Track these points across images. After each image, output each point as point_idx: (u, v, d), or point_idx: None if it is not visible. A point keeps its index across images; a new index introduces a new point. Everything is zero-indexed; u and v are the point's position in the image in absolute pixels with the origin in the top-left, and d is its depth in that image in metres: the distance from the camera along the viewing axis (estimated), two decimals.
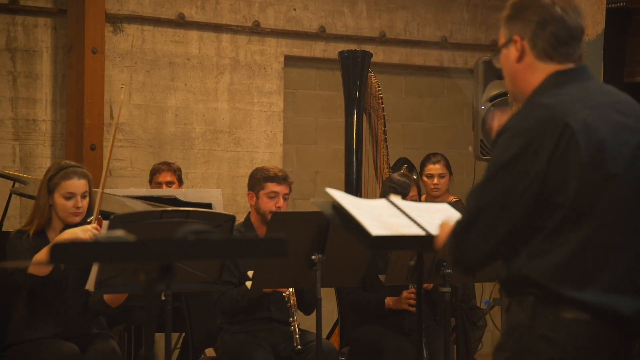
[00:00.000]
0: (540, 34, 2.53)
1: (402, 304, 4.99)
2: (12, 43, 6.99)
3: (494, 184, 2.45)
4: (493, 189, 2.45)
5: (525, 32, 2.55)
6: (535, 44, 2.54)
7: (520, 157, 2.42)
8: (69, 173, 4.38)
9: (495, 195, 2.44)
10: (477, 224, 2.46)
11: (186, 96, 7.56)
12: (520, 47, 2.56)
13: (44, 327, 4.37)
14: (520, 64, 2.57)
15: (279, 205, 4.84)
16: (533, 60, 2.55)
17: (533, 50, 2.55)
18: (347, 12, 8.14)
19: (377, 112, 6.48)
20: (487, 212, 2.45)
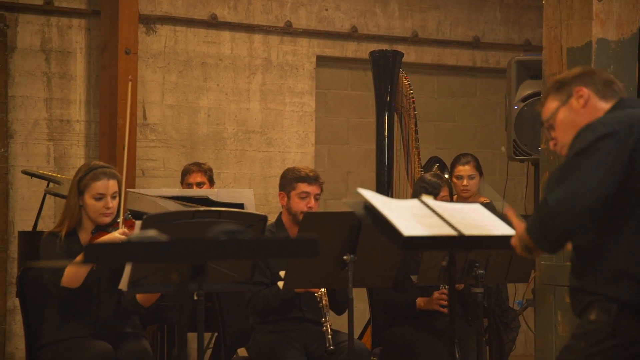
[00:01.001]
0: (596, 80, 3.02)
1: (433, 305, 4.97)
2: (47, 44, 7.05)
3: (576, 164, 2.73)
4: (576, 168, 2.72)
5: (590, 83, 3.01)
6: (597, 89, 3.00)
7: (603, 140, 2.74)
8: (98, 174, 4.40)
9: (579, 171, 2.71)
10: (562, 193, 2.69)
11: (218, 96, 7.58)
12: (587, 95, 2.98)
13: (78, 327, 4.39)
14: (584, 109, 2.96)
15: (310, 205, 4.84)
16: (597, 101, 2.98)
17: (597, 94, 2.99)
18: (379, 12, 8.12)
19: (408, 112, 6.46)
20: (571, 183, 2.70)
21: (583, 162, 2.72)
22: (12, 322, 6.90)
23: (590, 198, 2.67)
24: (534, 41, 8.48)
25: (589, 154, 2.73)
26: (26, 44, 6.99)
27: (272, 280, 4.73)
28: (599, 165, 2.70)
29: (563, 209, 2.67)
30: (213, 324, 5.21)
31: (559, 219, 2.67)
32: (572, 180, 2.70)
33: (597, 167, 2.70)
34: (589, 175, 2.69)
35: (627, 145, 2.74)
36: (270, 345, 4.72)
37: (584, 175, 2.70)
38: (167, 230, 3.70)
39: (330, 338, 4.54)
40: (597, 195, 2.68)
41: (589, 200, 2.67)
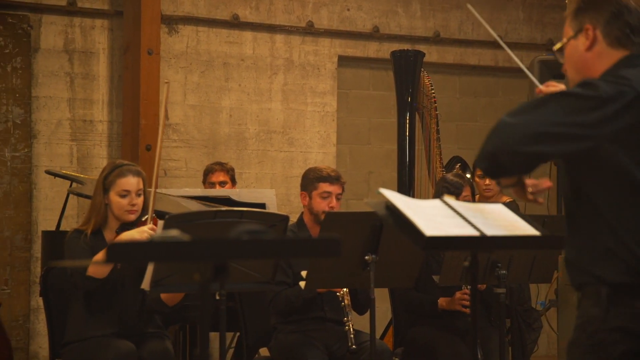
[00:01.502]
0: (615, 23, 2.64)
1: (455, 305, 4.96)
2: (70, 45, 7.09)
3: (554, 102, 2.49)
4: (551, 105, 2.48)
5: (599, 20, 2.65)
6: (608, 33, 2.64)
7: (589, 99, 2.47)
8: (123, 171, 4.43)
9: (551, 110, 2.47)
10: (522, 118, 2.49)
11: (240, 97, 7.60)
12: (592, 36, 2.66)
13: (102, 326, 4.41)
14: (589, 52, 2.66)
15: (332, 205, 4.84)
16: (604, 47, 2.65)
17: (606, 38, 2.64)
18: (401, 12, 8.11)
19: (430, 112, 6.45)
20: (537, 117, 2.46)
21: (558, 102, 2.49)
22: (36, 321, 6.95)
23: (546, 142, 2.45)
24: (557, 41, 8.43)
25: (567, 98, 2.50)
26: (49, 45, 7.04)
27: (294, 280, 4.73)
28: (570, 114, 2.45)
29: (501, 132, 2.53)
30: (235, 324, 5.22)
31: (491, 140, 2.55)
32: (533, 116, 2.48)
33: (568, 115, 2.45)
34: (553, 121, 2.45)
35: (609, 117, 2.45)
36: (292, 345, 4.72)
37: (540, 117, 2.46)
38: (189, 230, 3.71)
39: (352, 337, 4.54)
40: (554, 142, 2.45)
41: (542, 146, 2.45)
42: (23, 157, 6.92)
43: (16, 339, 6.86)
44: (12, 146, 6.89)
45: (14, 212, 6.89)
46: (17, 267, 6.91)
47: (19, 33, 6.92)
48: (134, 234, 4.29)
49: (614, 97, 2.46)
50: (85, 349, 4.37)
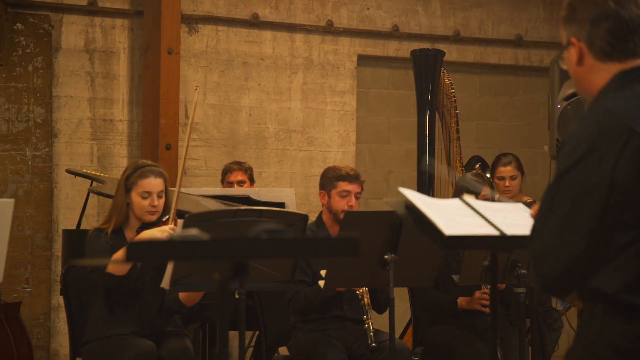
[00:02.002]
0: (596, 33, 2.38)
1: (475, 304, 4.94)
2: (91, 44, 7.12)
3: (560, 188, 2.31)
4: (560, 194, 2.31)
5: (581, 33, 2.41)
6: (592, 44, 2.40)
7: (584, 160, 2.28)
8: (145, 172, 4.44)
9: (564, 198, 2.30)
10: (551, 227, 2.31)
11: (260, 96, 7.60)
12: (578, 50, 2.42)
13: (122, 324, 4.43)
14: (580, 67, 2.43)
15: (351, 204, 4.84)
16: (593, 61, 2.40)
17: (591, 51, 2.40)
18: (421, 10, 8.10)
19: (450, 111, 6.44)
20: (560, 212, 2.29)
21: (564, 185, 2.28)
22: (57, 320, 6.98)
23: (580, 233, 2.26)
24: None
25: (568, 177, 2.29)
26: (70, 44, 7.07)
27: (313, 279, 4.73)
28: (580, 191, 2.26)
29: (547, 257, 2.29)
30: (254, 323, 5.23)
31: (545, 267, 2.30)
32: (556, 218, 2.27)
33: (579, 194, 2.26)
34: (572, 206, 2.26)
35: (606, 165, 2.25)
36: (311, 344, 4.72)
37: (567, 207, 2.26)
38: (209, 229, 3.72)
39: (372, 335, 4.54)
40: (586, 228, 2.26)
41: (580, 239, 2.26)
42: (44, 157, 6.96)
43: (37, 337, 6.89)
44: (33, 145, 6.92)
45: (35, 211, 6.92)
46: (38, 266, 6.95)
47: (40, 33, 6.95)
48: (154, 233, 4.30)
49: (600, 148, 2.26)
50: (105, 347, 4.39)
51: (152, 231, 4.33)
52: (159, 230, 4.31)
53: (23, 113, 6.90)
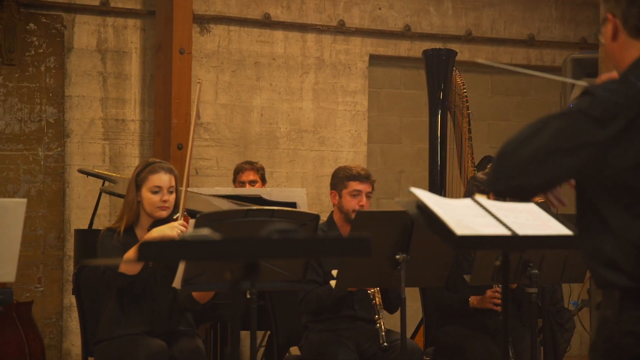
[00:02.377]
0: (630, 11, 2.49)
1: (486, 303, 4.93)
2: (103, 44, 7.14)
3: (554, 123, 2.42)
4: (551, 127, 2.42)
5: (617, 10, 2.51)
6: (626, 22, 2.50)
7: (588, 119, 2.38)
8: (155, 168, 4.46)
9: (553, 132, 2.41)
10: (525, 149, 2.44)
11: (271, 96, 7.61)
12: (613, 26, 2.52)
13: (133, 324, 4.43)
14: (615, 42, 2.53)
15: (362, 203, 4.84)
16: (626, 38, 2.51)
17: (625, 28, 2.50)
18: (433, 10, 8.09)
19: (461, 111, 6.43)
20: (540, 143, 2.42)
21: (559, 124, 2.41)
22: (69, 319, 7.00)
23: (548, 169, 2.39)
24: (590, 39, 8.38)
25: (567, 117, 2.43)
26: (83, 44, 7.09)
27: (324, 279, 4.73)
28: (569, 136, 2.38)
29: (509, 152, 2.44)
30: (266, 323, 5.23)
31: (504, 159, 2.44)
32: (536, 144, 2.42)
33: (567, 137, 2.38)
34: (555, 143, 2.39)
35: (607, 131, 2.37)
36: (322, 343, 4.72)
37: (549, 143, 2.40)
38: (220, 228, 3.72)
39: (383, 335, 4.54)
40: (556, 168, 2.40)
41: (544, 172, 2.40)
42: (56, 156, 6.98)
43: (49, 336, 6.92)
44: (45, 145, 6.95)
45: (47, 210, 6.95)
46: (50, 266, 6.97)
47: (53, 33, 6.98)
48: (164, 229, 4.31)
49: (613, 115, 2.37)
50: (116, 347, 4.40)
51: (162, 228, 4.34)
52: (169, 227, 4.31)
53: (35, 113, 6.92)
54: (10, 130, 6.85)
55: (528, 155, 2.44)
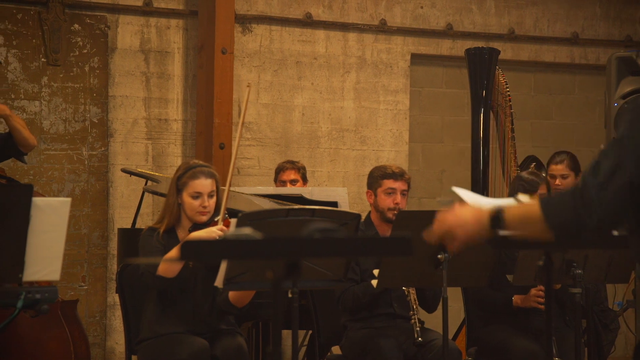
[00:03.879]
0: None
1: (530, 302, 4.90)
2: (146, 44, 7.19)
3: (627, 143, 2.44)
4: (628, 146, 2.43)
5: None
6: None
7: None
8: (196, 173, 4.45)
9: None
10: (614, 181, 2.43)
11: (313, 95, 7.61)
12: None
13: (175, 323, 4.45)
14: None
15: (396, 201, 4.83)
16: None
17: None
18: (475, 9, 8.05)
19: (504, 110, 6.39)
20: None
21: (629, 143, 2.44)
22: (112, 318, 7.06)
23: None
24: (636, 37, 8.28)
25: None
26: (126, 45, 7.14)
27: (362, 278, 4.73)
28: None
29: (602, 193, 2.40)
30: (307, 322, 5.24)
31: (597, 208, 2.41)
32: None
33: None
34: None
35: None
36: (364, 339, 4.73)
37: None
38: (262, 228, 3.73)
39: (418, 331, 4.53)
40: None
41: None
42: (100, 156, 7.04)
43: (93, 334, 6.98)
44: (89, 145, 7.01)
45: (91, 209, 7.01)
46: (94, 264, 7.03)
47: (97, 33, 7.04)
48: (202, 234, 4.32)
49: None
50: (159, 345, 4.42)
51: (199, 233, 4.36)
52: (206, 232, 4.33)
53: (80, 113, 6.99)
54: (55, 130, 6.92)
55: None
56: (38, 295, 3.40)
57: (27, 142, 5.24)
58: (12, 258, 3.26)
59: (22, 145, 5.23)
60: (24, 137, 5.21)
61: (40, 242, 3.31)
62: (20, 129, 5.19)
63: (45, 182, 6.87)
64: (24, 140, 5.22)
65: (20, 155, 5.34)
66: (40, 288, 3.44)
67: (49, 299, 3.42)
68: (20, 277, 3.30)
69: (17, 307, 3.36)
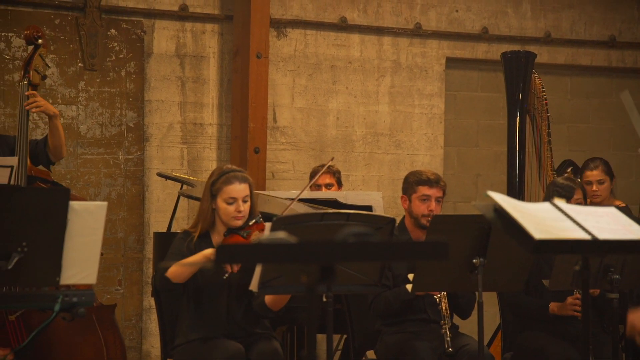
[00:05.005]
0: None
1: (567, 310, 4.86)
2: (182, 49, 7.23)
3: None
4: None
5: None
6: None
7: None
8: (230, 178, 4.46)
9: None
10: None
11: (347, 99, 7.61)
12: None
13: (210, 327, 4.47)
14: None
15: (431, 208, 4.82)
16: None
17: None
18: (511, 12, 8.00)
19: (540, 114, 6.35)
20: None
21: None
22: (148, 321, 7.10)
23: None
24: None
25: None
26: (162, 49, 7.19)
27: (395, 283, 4.72)
28: None
29: None
30: (342, 326, 5.23)
31: None
32: None
33: None
34: None
35: None
36: (398, 342, 4.72)
37: None
38: (297, 232, 3.73)
39: (449, 340, 4.51)
40: None
41: None
42: (136, 160, 7.08)
43: (129, 338, 7.02)
44: (125, 149, 7.06)
45: (127, 213, 7.06)
46: (130, 268, 7.08)
47: (133, 38, 7.09)
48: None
49: None
50: (194, 349, 4.44)
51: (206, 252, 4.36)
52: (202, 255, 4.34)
53: (116, 117, 7.04)
54: (91, 134, 6.98)
55: None
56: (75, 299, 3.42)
57: (61, 148, 5.22)
58: (50, 261, 3.29)
59: (55, 151, 5.22)
60: (60, 141, 5.21)
61: (77, 245, 3.33)
62: (61, 133, 5.20)
63: (82, 186, 6.93)
64: (59, 146, 5.20)
65: (48, 165, 5.34)
66: (77, 291, 3.46)
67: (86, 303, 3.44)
68: (57, 281, 3.33)
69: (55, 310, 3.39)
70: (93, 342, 5.72)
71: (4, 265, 3.20)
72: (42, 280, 3.38)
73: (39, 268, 3.30)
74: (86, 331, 5.01)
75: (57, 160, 5.33)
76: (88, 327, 5.02)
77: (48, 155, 5.24)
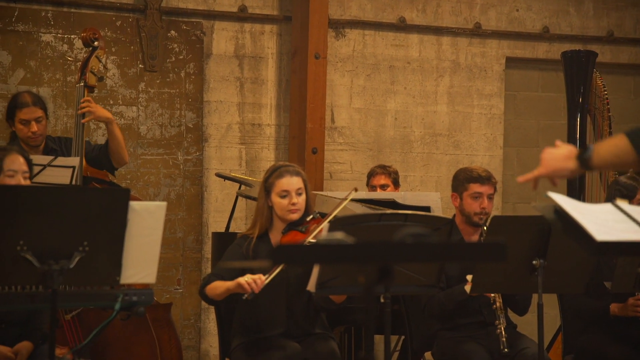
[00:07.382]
0: None
1: (628, 311, 4.78)
2: (240, 50, 7.27)
3: None
4: None
5: None
6: None
7: None
8: (282, 172, 4.49)
9: None
10: None
11: (405, 99, 7.59)
12: None
13: (268, 326, 4.48)
14: None
15: (483, 206, 4.77)
16: None
17: None
18: (573, 11, 7.91)
19: (602, 114, 6.26)
20: None
21: None
22: (207, 321, 7.15)
23: None
24: None
25: None
26: (221, 50, 7.23)
27: (447, 284, 4.70)
28: None
29: None
30: (400, 327, 5.21)
31: None
32: None
33: None
34: None
35: None
36: (454, 343, 4.69)
37: None
38: (354, 232, 3.73)
39: (504, 341, 4.47)
40: None
41: None
42: (195, 160, 7.14)
43: (188, 337, 7.08)
44: (184, 150, 7.12)
45: (186, 213, 7.11)
46: (189, 268, 7.13)
47: (193, 39, 7.15)
48: (239, 280, 4.27)
49: None
50: (252, 349, 4.45)
51: (237, 280, 4.30)
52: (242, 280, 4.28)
53: (175, 118, 7.10)
54: (151, 135, 7.05)
55: None
56: (135, 298, 3.46)
57: (120, 153, 5.27)
58: (110, 261, 3.33)
59: (115, 156, 5.27)
60: (119, 146, 5.24)
61: (137, 245, 3.36)
62: (120, 138, 5.25)
63: (142, 186, 7.00)
64: (117, 151, 5.24)
65: (112, 170, 5.39)
66: (136, 291, 3.49)
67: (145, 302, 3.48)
68: (117, 280, 3.36)
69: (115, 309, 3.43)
70: (147, 340, 5.77)
71: (65, 264, 3.24)
72: (103, 279, 3.42)
73: (100, 267, 3.34)
74: (140, 330, 5.05)
75: (119, 166, 5.38)
76: (142, 325, 5.06)
77: (110, 160, 5.29)
